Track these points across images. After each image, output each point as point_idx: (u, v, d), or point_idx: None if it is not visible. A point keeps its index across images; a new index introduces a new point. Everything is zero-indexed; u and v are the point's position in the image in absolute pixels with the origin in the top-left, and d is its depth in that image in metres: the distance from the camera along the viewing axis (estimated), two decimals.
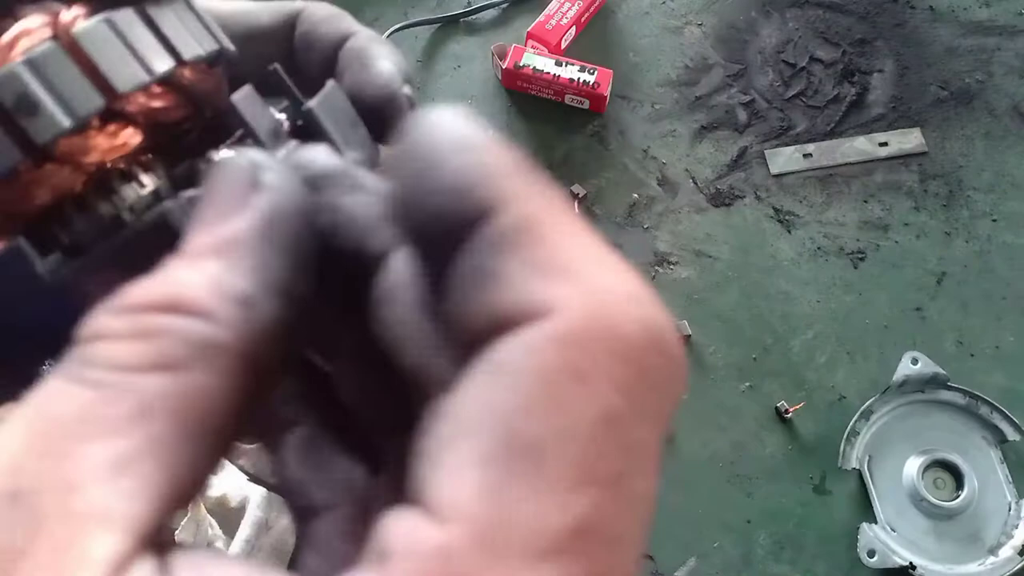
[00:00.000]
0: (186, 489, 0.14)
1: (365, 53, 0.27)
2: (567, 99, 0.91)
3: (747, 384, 0.79)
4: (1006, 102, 0.92)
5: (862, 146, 0.90)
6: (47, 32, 0.19)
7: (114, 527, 0.12)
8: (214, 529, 0.66)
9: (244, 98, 0.21)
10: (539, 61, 0.90)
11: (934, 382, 0.76)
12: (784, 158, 0.89)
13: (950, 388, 0.77)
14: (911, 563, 0.69)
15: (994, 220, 0.86)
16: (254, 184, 0.15)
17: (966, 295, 0.82)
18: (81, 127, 0.19)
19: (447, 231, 0.14)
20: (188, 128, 0.22)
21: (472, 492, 0.12)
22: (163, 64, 0.20)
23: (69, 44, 0.19)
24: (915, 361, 0.76)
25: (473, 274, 0.13)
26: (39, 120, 0.19)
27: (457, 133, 0.14)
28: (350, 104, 0.25)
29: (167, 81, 0.21)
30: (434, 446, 0.13)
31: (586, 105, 0.91)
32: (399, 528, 0.12)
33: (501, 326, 0.13)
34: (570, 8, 0.94)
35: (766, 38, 0.97)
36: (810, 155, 0.89)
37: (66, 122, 0.19)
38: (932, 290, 0.83)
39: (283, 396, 0.18)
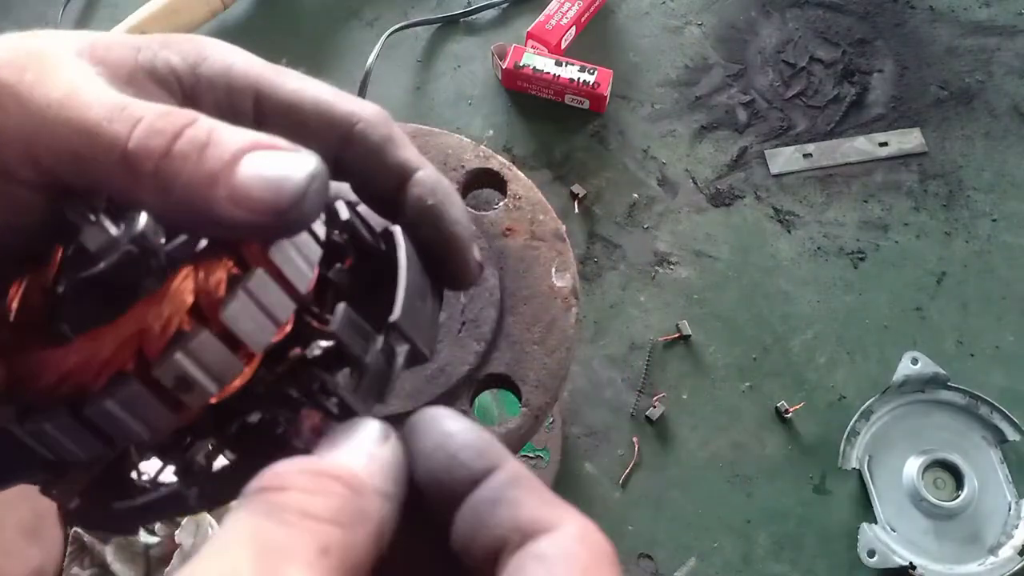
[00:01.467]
0: None
1: (443, 212, 0.29)
2: (567, 99, 0.91)
3: (747, 384, 0.79)
4: (1006, 102, 0.92)
5: (862, 146, 0.90)
6: (188, 305, 0.22)
7: None
8: (214, 529, 0.66)
9: (343, 325, 0.25)
10: (539, 61, 0.90)
11: (934, 382, 0.76)
12: (784, 158, 0.89)
13: (950, 388, 0.77)
14: (911, 563, 0.69)
15: (994, 220, 0.86)
16: (386, 437, 0.22)
17: (966, 295, 0.83)
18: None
19: (468, 478, 0.21)
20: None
21: None
22: (286, 312, 0.24)
23: (218, 327, 0.22)
24: (915, 361, 0.76)
25: (495, 501, 0.20)
26: (193, 393, 0.22)
27: (460, 422, 0.22)
28: (419, 260, 0.28)
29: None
30: None
31: (586, 105, 0.91)
32: None
33: (526, 534, 0.19)
34: (570, 8, 0.94)
35: (766, 38, 0.97)
36: (810, 155, 0.89)
37: (214, 389, 0.23)
38: (932, 290, 0.83)
39: None
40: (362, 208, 0.29)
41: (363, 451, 0.21)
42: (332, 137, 0.26)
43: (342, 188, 0.29)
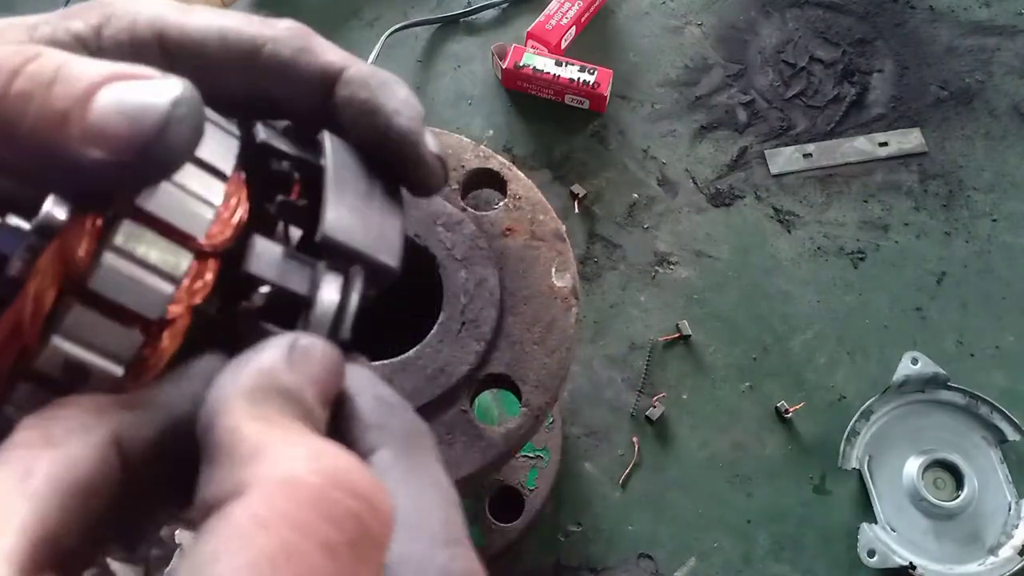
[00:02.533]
0: (61, 535, 0.17)
1: (377, 104, 0.25)
2: (567, 99, 0.91)
3: (747, 384, 0.79)
4: (1006, 102, 0.92)
5: (862, 146, 0.90)
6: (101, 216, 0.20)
7: None
8: None
9: (261, 260, 0.22)
10: (539, 61, 0.90)
11: (934, 382, 0.76)
12: (784, 158, 0.89)
13: (950, 388, 0.77)
14: (911, 563, 0.69)
15: (994, 220, 0.86)
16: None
17: (966, 295, 0.83)
18: (141, 353, 0.21)
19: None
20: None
21: None
22: (179, 265, 0.21)
23: (92, 297, 0.19)
24: (915, 361, 0.76)
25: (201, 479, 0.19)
26: (93, 378, 0.20)
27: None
28: (360, 163, 0.24)
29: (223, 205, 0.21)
30: None
31: (586, 105, 0.91)
32: None
33: (214, 507, 0.17)
34: (570, 8, 0.94)
35: (766, 38, 0.97)
36: (810, 155, 0.89)
37: (117, 370, 0.20)
38: (932, 290, 0.83)
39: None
40: (288, 128, 0.26)
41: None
42: (241, 66, 0.24)
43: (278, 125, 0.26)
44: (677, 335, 0.80)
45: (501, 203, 0.54)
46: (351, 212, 0.23)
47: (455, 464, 0.47)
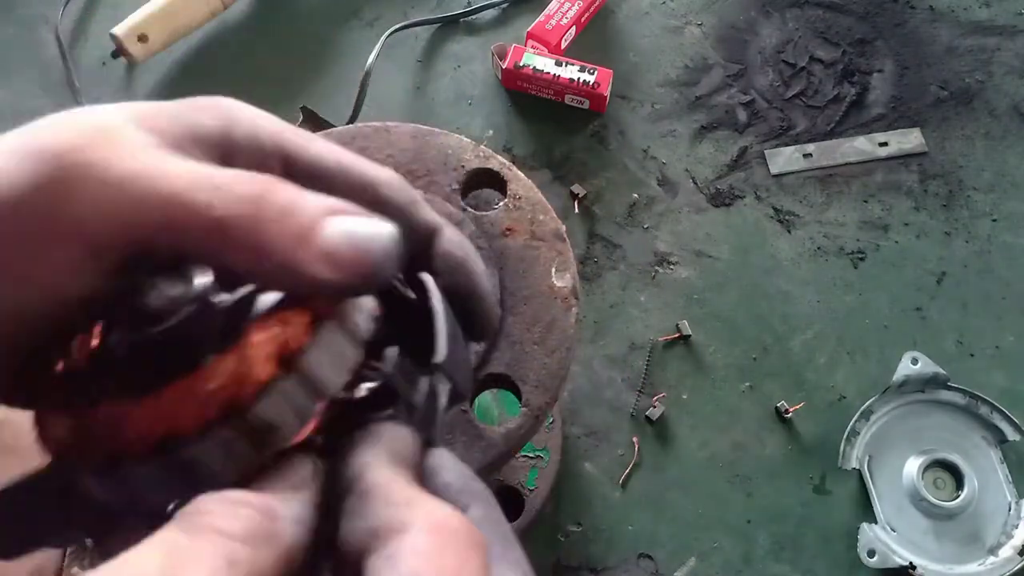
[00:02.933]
0: None
1: (468, 265, 0.32)
2: (567, 99, 0.91)
3: (747, 384, 0.79)
4: (1006, 102, 0.92)
5: (862, 146, 0.90)
6: (274, 360, 0.24)
7: None
8: None
9: (395, 367, 0.27)
10: (539, 61, 0.90)
11: (934, 382, 0.76)
12: (784, 158, 0.89)
13: (950, 388, 0.77)
14: (911, 563, 0.69)
15: (994, 220, 0.86)
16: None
17: (966, 295, 0.83)
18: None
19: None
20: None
21: None
22: (354, 359, 0.25)
23: (300, 373, 0.24)
24: (915, 361, 0.76)
25: (349, 515, 0.22)
26: (277, 436, 0.24)
27: None
28: (453, 315, 0.30)
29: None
30: None
31: (586, 105, 0.91)
32: None
33: (379, 539, 0.21)
34: (570, 8, 0.94)
35: (766, 38, 0.97)
36: (810, 155, 0.89)
37: (296, 432, 0.24)
38: (932, 290, 0.83)
39: None
40: None
41: (287, 482, 0.23)
42: (359, 200, 0.27)
43: None
44: (677, 335, 0.80)
45: (501, 203, 0.54)
46: (450, 345, 0.28)
47: None
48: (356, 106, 0.87)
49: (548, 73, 0.90)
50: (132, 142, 0.24)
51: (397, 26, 0.94)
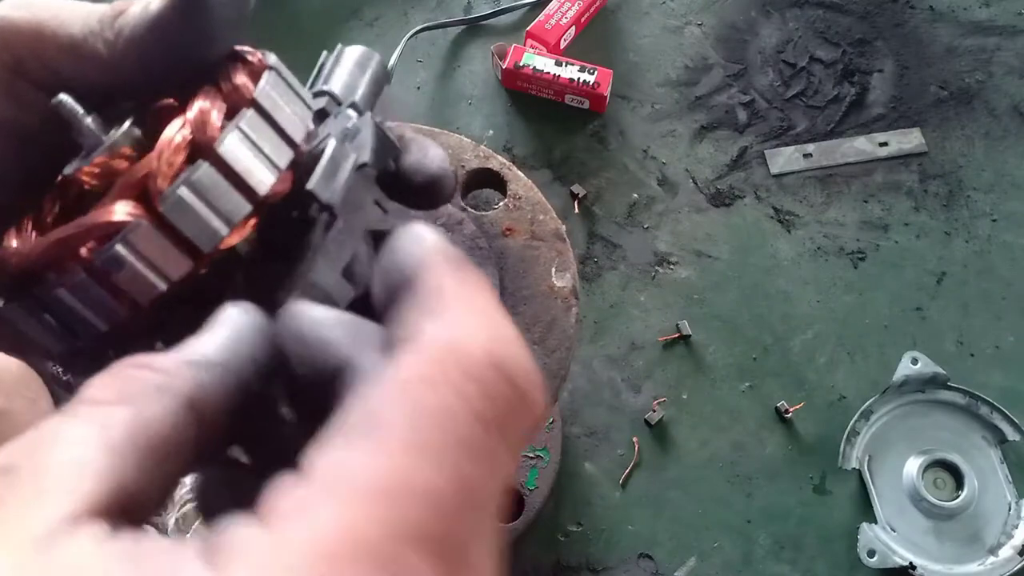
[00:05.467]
0: (133, 487, 0.19)
1: (423, 143, 0.31)
2: (567, 99, 0.91)
3: (747, 384, 0.79)
4: (1006, 102, 0.92)
5: (862, 146, 0.90)
6: (187, 143, 0.23)
7: (68, 497, 0.18)
8: None
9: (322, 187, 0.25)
10: (539, 61, 0.90)
11: (934, 382, 0.76)
12: (784, 158, 0.89)
13: (950, 388, 0.77)
14: (911, 563, 0.69)
15: (994, 220, 0.86)
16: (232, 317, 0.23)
17: (966, 295, 0.83)
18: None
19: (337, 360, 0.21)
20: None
21: (328, 456, 0.18)
22: (284, 158, 0.24)
23: (217, 160, 0.23)
24: (915, 361, 0.76)
25: (390, 323, 0.21)
26: (203, 233, 0.23)
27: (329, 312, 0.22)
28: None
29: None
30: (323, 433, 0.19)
31: (586, 105, 0.91)
32: (279, 487, 0.18)
33: (398, 343, 0.20)
34: (570, 8, 0.94)
35: (766, 38, 0.97)
36: (810, 155, 0.89)
37: (224, 231, 0.23)
38: (932, 290, 0.83)
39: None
40: None
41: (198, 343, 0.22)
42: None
43: None
44: (677, 335, 0.80)
45: (501, 203, 0.54)
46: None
47: None
48: None
49: (548, 73, 0.90)
50: None
51: (420, 27, 0.94)
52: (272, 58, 0.26)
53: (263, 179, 0.24)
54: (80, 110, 0.24)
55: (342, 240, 0.25)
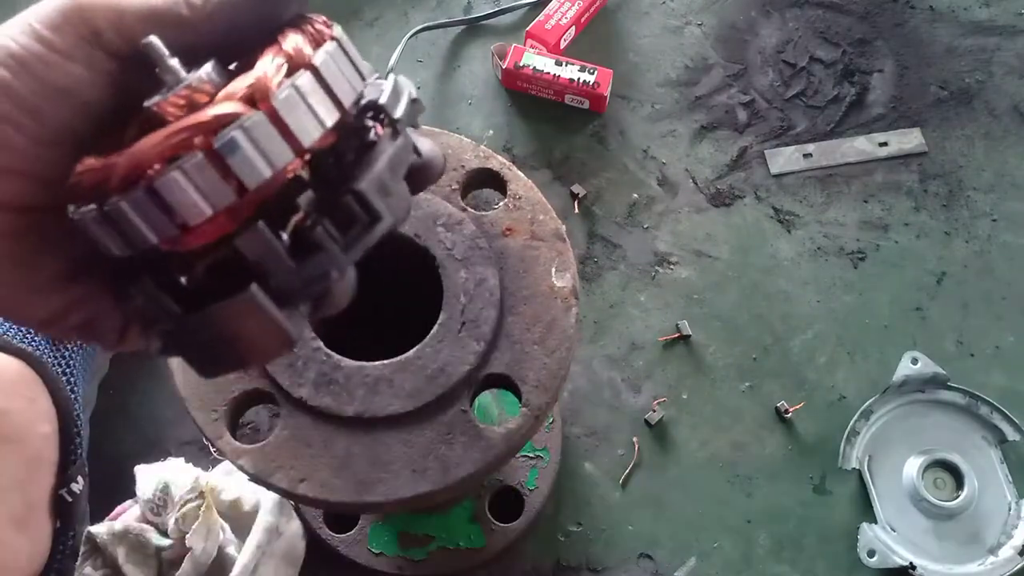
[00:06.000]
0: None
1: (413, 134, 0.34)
2: (567, 99, 0.91)
3: (747, 384, 0.79)
4: (1006, 102, 0.92)
5: (862, 146, 0.90)
6: (247, 102, 0.26)
7: None
8: (226, 533, 0.66)
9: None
10: (539, 61, 0.90)
11: (934, 382, 0.76)
12: (784, 158, 0.89)
13: (950, 388, 0.77)
14: (911, 563, 0.69)
15: (994, 220, 0.86)
16: None
17: (966, 295, 0.83)
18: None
19: None
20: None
21: None
22: (331, 118, 0.27)
23: (270, 111, 0.26)
24: (915, 361, 0.76)
25: None
26: (305, 129, 0.26)
27: None
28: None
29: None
30: None
31: (586, 105, 0.91)
32: None
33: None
34: (570, 8, 0.94)
35: (766, 38, 0.97)
36: (810, 155, 0.89)
37: (267, 172, 0.26)
38: (932, 290, 0.83)
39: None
40: None
41: None
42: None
43: None
44: (677, 335, 0.80)
45: (501, 203, 0.54)
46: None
47: (455, 464, 0.47)
48: None
49: (548, 73, 0.90)
50: None
51: (420, 27, 0.94)
52: (338, 31, 0.30)
53: (310, 134, 0.27)
54: (167, 51, 0.27)
55: (402, 155, 0.29)
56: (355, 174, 0.27)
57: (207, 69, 0.27)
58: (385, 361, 0.49)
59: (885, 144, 0.90)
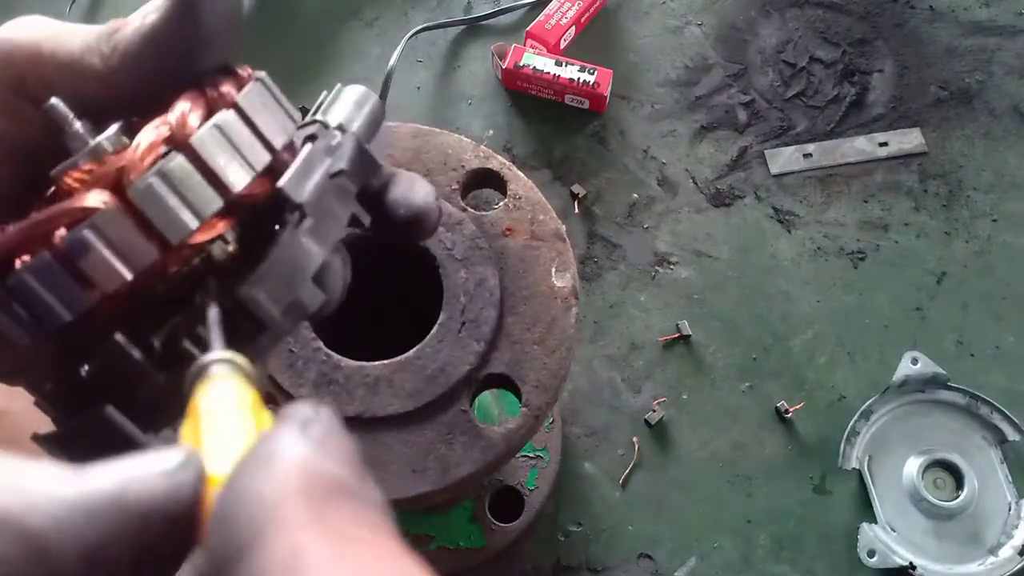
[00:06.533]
0: None
1: (412, 177, 0.31)
2: (567, 99, 0.91)
3: (747, 384, 0.79)
4: (1006, 102, 0.92)
5: (862, 146, 0.90)
6: (164, 140, 0.23)
7: None
8: None
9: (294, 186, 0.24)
10: (539, 61, 0.90)
11: (934, 382, 0.76)
12: (784, 158, 0.89)
13: (950, 388, 0.77)
14: (911, 563, 0.69)
15: (994, 220, 0.86)
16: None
17: (966, 295, 0.83)
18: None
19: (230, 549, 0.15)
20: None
21: None
22: (262, 161, 0.24)
23: (191, 154, 0.23)
24: (915, 361, 0.76)
25: None
26: (172, 224, 0.23)
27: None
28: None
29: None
30: None
31: (586, 105, 0.91)
32: None
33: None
34: (570, 8, 0.94)
35: (766, 38, 0.97)
36: (810, 155, 0.89)
37: (194, 224, 0.23)
38: (932, 290, 0.83)
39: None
40: None
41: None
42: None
43: None
44: (677, 335, 0.80)
45: (501, 203, 0.54)
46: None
47: (455, 464, 0.47)
48: None
49: (548, 73, 0.90)
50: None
51: (420, 27, 0.94)
52: (261, 73, 0.26)
53: (237, 178, 0.24)
54: (70, 114, 0.25)
55: (311, 243, 0.24)
56: (246, 271, 0.24)
57: (109, 134, 0.24)
58: (385, 361, 0.49)
59: (885, 144, 0.90)
